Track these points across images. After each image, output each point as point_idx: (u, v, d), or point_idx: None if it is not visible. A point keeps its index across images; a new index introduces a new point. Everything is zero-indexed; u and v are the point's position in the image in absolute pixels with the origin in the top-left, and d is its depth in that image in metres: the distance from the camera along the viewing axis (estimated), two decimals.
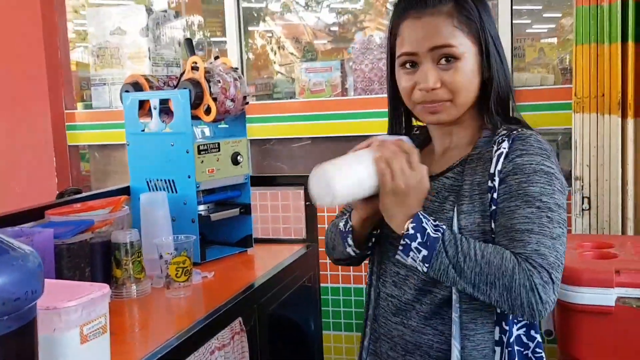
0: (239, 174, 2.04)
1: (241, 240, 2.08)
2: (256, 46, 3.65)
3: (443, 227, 1.09)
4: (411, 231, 1.08)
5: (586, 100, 2.43)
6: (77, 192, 2.17)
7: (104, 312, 1.20)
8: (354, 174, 1.10)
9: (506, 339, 1.13)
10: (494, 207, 1.12)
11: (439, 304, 1.16)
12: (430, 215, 1.12)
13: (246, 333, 1.58)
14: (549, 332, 2.04)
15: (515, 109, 1.24)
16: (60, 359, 1.11)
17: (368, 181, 1.10)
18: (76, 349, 1.12)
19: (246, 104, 2.04)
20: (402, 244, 1.09)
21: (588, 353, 1.88)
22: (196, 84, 1.90)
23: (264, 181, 2.57)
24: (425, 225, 1.08)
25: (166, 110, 1.95)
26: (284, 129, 3.13)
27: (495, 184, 1.12)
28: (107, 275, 1.62)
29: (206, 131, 2.11)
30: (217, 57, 2.06)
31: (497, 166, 1.13)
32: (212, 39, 3.78)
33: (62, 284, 1.30)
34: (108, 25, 3.32)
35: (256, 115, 3.07)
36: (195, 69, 1.93)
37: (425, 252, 1.07)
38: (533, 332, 1.17)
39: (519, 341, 1.15)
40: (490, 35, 1.18)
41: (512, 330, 1.14)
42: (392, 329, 1.23)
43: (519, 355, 1.14)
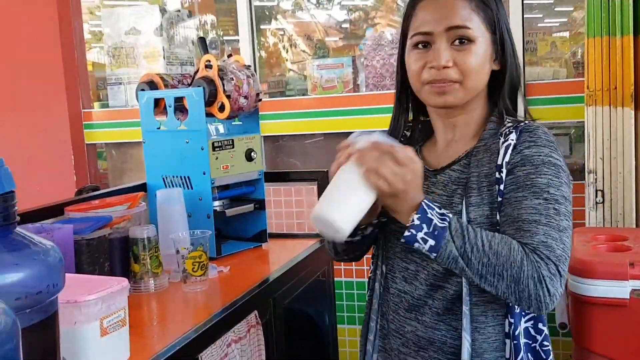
0: (253, 170, 2.05)
1: (256, 235, 2.09)
2: (268, 44, 3.65)
3: (449, 216, 1.06)
4: (417, 222, 1.05)
5: (599, 93, 2.42)
6: (95, 189, 2.19)
7: (123, 305, 1.21)
8: (350, 202, 1.07)
9: (512, 331, 1.12)
10: (501, 199, 1.11)
11: (452, 299, 1.15)
12: None
13: (262, 326, 1.58)
14: (563, 325, 2.04)
15: (525, 102, 1.24)
16: (81, 351, 1.12)
17: (366, 199, 1.07)
18: (96, 341, 1.14)
19: (259, 100, 2.05)
20: (406, 235, 1.06)
21: (602, 345, 1.87)
22: (210, 81, 1.91)
23: (278, 177, 2.58)
24: (431, 215, 1.05)
25: (181, 108, 1.97)
26: (296, 125, 3.14)
27: (503, 175, 1.11)
28: (126, 270, 1.64)
29: (220, 128, 2.13)
30: (230, 55, 2.07)
31: (504, 157, 1.12)
32: (225, 37, 3.78)
33: (82, 278, 1.32)
34: (123, 25, 3.34)
35: (269, 112, 3.08)
36: (208, 67, 1.94)
37: (432, 242, 1.04)
38: (541, 325, 1.16)
39: (527, 334, 1.14)
40: (505, 25, 1.19)
41: (519, 323, 1.13)
42: (405, 324, 1.21)
43: (526, 348, 1.14)
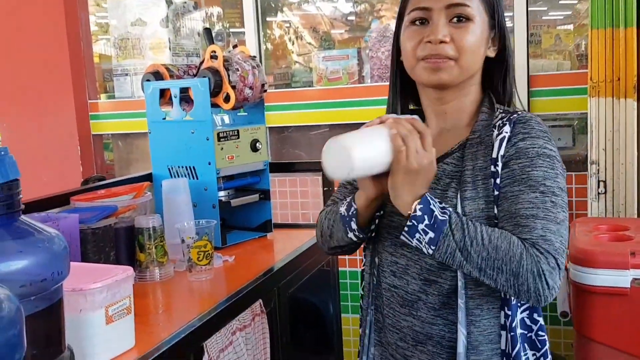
0: (258, 160, 2.04)
1: (261, 225, 2.09)
2: (274, 36, 3.64)
3: (450, 210, 1.05)
4: (418, 212, 1.04)
5: (602, 84, 2.40)
6: (101, 179, 2.19)
7: (129, 293, 1.21)
8: (372, 147, 1.05)
9: (509, 323, 1.11)
10: (497, 193, 1.10)
11: (447, 294, 1.13)
12: None
13: (266, 315, 1.59)
14: (564, 314, 2.03)
15: (516, 93, 1.23)
16: (86, 339, 1.12)
17: (384, 157, 1.05)
18: (101, 329, 1.14)
19: (264, 91, 2.04)
20: (408, 225, 1.04)
21: (603, 334, 1.86)
22: (215, 72, 1.91)
23: (283, 167, 2.58)
24: (433, 207, 1.04)
25: (186, 99, 1.96)
26: (302, 116, 3.13)
27: (499, 168, 1.10)
28: (131, 259, 1.64)
29: (225, 119, 2.12)
30: (235, 45, 2.06)
31: (499, 151, 1.11)
32: (231, 29, 3.77)
33: (87, 266, 1.32)
34: (129, 16, 3.33)
35: (274, 104, 3.07)
36: (214, 57, 1.93)
37: (432, 235, 1.03)
38: (536, 316, 1.15)
39: (523, 324, 1.13)
40: (502, 12, 1.18)
41: (515, 314, 1.12)
42: (401, 320, 1.19)
43: (523, 338, 1.13)
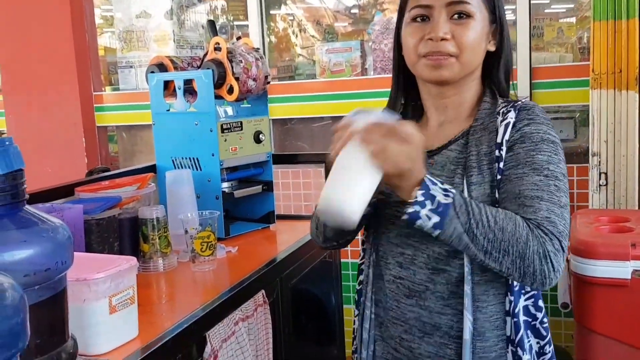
0: (261, 152, 2.03)
1: (264, 217, 2.09)
2: (278, 29, 3.62)
3: (452, 191, 1.03)
4: (420, 198, 1.01)
5: (604, 76, 2.38)
6: (105, 171, 2.19)
7: (132, 283, 1.21)
8: (358, 188, 1.01)
9: (512, 309, 1.11)
10: (500, 176, 1.09)
11: (456, 282, 1.12)
12: None
13: (269, 305, 1.58)
14: (565, 305, 2.02)
15: (514, 87, 1.24)
16: (90, 328, 1.12)
17: (373, 182, 1.02)
18: (105, 318, 1.14)
19: (268, 83, 2.03)
20: (409, 211, 1.02)
21: (604, 325, 1.86)
22: (219, 64, 1.90)
23: (286, 159, 2.57)
24: (435, 192, 1.02)
25: (190, 90, 1.95)
26: (305, 108, 3.12)
27: (503, 153, 1.10)
28: (135, 250, 1.64)
29: (229, 110, 2.11)
30: (239, 37, 2.05)
31: (504, 135, 1.11)
32: (235, 22, 3.75)
33: (91, 257, 1.32)
34: (134, 9, 3.32)
35: (278, 95, 3.06)
36: (217, 49, 1.92)
37: (436, 219, 1.01)
38: (540, 302, 1.15)
39: (527, 312, 1.13)
40: (502, 7, 1.18)
41: (518, 300, 1.11)
42: (407, 311, 1.17)
43: (526, 325, 1.12)
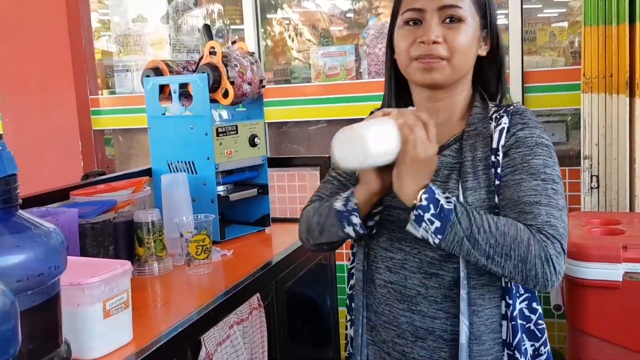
0: (256, 155, 2.03)
1: (259, 220, 2.08)
2: (274, 33, 3.62)
3: (454, 199, 1.04)
4: (424, 202, 1.02)
5: (595, 80, 2.38)
6: (101, 174, 2.18)
7: (126, 287, 1.20)
8: (383, 135, 1.03)
9: (510, 313, 1.11)
10: (498, 182, 1.10)
11: (449, 286, 1.12)
12: None
13: (264, 308, 1.57)
14: (557, 307, 2.02)
15: (507, 90, 1.24)
16: (84, 332, 1.11)
17: (394, 146, 1.03)
18: (99, 322, 1.13)
19: (263, 87, 2.02)
20: (414, 214, 1.03)
21: (596, 327, 1.85)
22: (214, 68, 1.89)
23: (281, 162, 2.56)
24: (438, 196, 1.03)
25: (186, 94, 1.95)
26: (300, 112, 3.11)
27: (499, 158, 1.10)
28: (130, 254, 1.62)
29: (224, 114, 2.11)
30: (234, 42, 2.04)
31: (500, 141, 1.11)
32: (231, 26, 3.75)
33: (85, 261, 1.31)
34: (130, 13, 3.32)
35: (273, 99, 3.06)
36: (213, 53, 1.92)
37: (438, 224, 1.01)
38: (535, 304, 1.15)
39: (522, 315, 1.13)
40: (494, 12, 1.18)
41: (515, 304, 1.11)
42: (399, 316, 1.17)
43: (522, 329, 1.12)
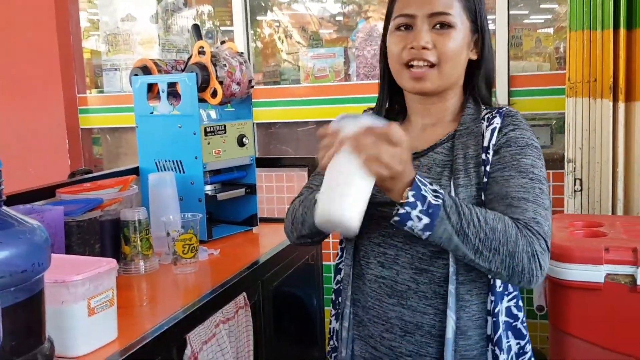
0: (244, 155, 2.02)
1: (247, 219, 2.07)
2: (264, 35, 3.61)
3: (442, 192, 1.02)
4: (411, 199, 0.99)
5: (579, 85, 2.40)
6: (87, 173, 2.16)
7: (111, 286, 1.19)
8: (355, 195, 0.99)
9: (493, 309, 1.11)
10: (486, 179, 1.10)
11: (439, 282, 1.12)
12: None
13: (250, 307, 1.56)
14: (540, 308, 2.03)
15: (495, 94, 1.25)
16: (68, 330, 1.10)
17: (368, 188, 1.00)
18: (83, 320, 1.12)
19: (251, 87, 2.01)
20: (400, 213, 1.00)
21: (578, 327, 1.86)
22: (203, 67, 1.88)
23: (269, 163, 2.55)
24: (425, 192, 1.00)
25: (174, 93, 1.93)
26: (289, 112, 3.11)
27: (489, 156, 1.11)
28: (117, 252, 1.61)
29: (212, 114, 2.09)
30: (223, 42, 2.03)
31: (491, 140, 1.12)
32: (221, 27, 3.74)
33: (70, 258, 1.29)
34: (119, 12, 3.30)
35: (262, 100, 3.05)
36: (202, 53, 1.90)
37: (427, 220, 0.99)
38: (520, 303, 1.16)
39: (509, 313, 1.14)
40: (484, 16, 1.19)
41: (500, 301, 1.12)
42: (388, 310, 1.16)
43: (506, 326, 1.13)
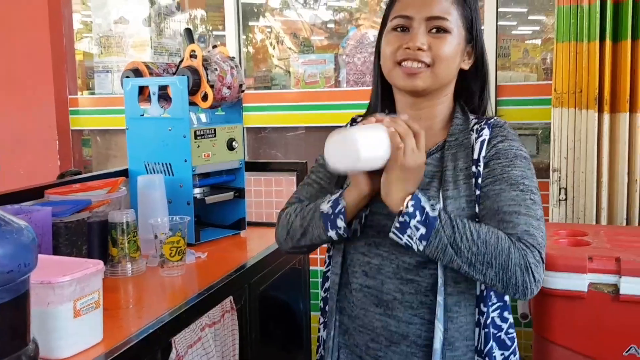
0: (234, 159, 2.01)
1: (235, 223, 2.06)
2: (256, 40, 3.62)
3: (438, 206, 1.05)
4: (410, 209, 1.02)
5: (565, 95, 2.42)
6: (77, 174, 2.14)
7: (98, 287, 1.18)
8: (375, 142, 1.04)
9: (483, 321, 1.11)
10: (479, 192, 1.10)
11: (425, 292, 1.12)
12: None
13: (236, 311, 1.55)
14: (524, 316, 2.03)
15: (489, 101, 1.25)
16: (54, 332, 1.09)
17: (385, 152, 1.05)
18: (69, 322, 1.10)
19: (242, 91, 2.01)
20: (400, 221, 1.03)
21: (562, 336, 1.87)
22: (194, 71, 1.87)
23: (259, 167, 2.55)
24: (424, 204, 1.03)
25: (165, 96, 1.92)
26: (279, 117, 3.11)
27: (480, 169, 1.11)
28: (104, 254, 1.59)
29: (203, 117, 2.08)
30: (215, 46, 2.03)
31: (480, 152, 1.12)
32: (213, 32, 3.74)
33: (57, 259, 1.28)
34: (112, 14, 3.29)
35: (253, 104, 3.05)
36: (193, 57, 1.90)
37: (423, 231, 1.02)
38: (506, 314, 1.15)
39: (494, 324, 1.14)
40: (479, 27, 1.20)
41: (488, 312, 1.12)
42: (374, 320, 1.16)
43: (493, 337, 1.13)
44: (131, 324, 1.28)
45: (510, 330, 1.16)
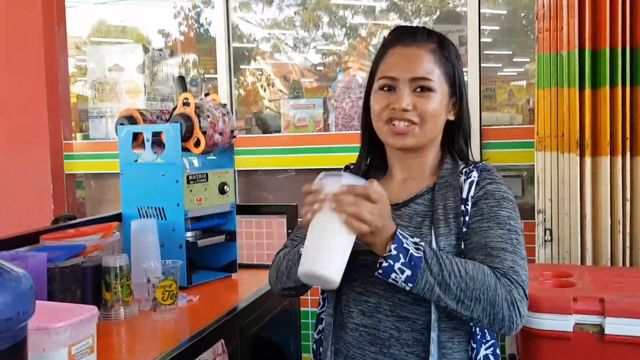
0: (225, 202, 2.05)
1: (226, 266, 2.08)
2: (247, 83, 3.69)
3: (422, 244, 1.06)
4: (393, 252, 1.03)
5: (547, 139, 2.48)
6: (71, 218, 2.16)
7: (92, 332, 1.19)
8: (337, 252, 1.03)
9: (474, 357, 1.14)
10: (465, 229, 1.15)
11: (420, 329, 1.14)
12: None
13: (228, 354, 1.56)
14: (512, 356, 2.05)
15: (470, 148, 1.30)
16: None
17: (349, 244, 1.04)
18: None
19: (234, 137, 2.06)
20: (384, 266, 1.04)
21: None
22: (187, 118, 1.92)
23: (249, 210, 2.57)
24: (407, 245, 1.04)
25: (158, 142, 1.97)
26: (270, 160, 3.15)
27: (468, 207, 1.16)
28: (97, 298, 1.61)
29: (195, 162, 2.12)
30: (207, 93, 2.08)
31: (469, 192, 1.17)
32: (206, 75, 3.81)
33: (52, 305, 1.30)
34: (107, 61, 3.35)
35: (244, 148, 3.09)
36: (186, 104, 1.95)
37: (409, 273, 1.03)
38: (498, 350, 1.19)
39: None
40: (462, 80, 1.25)
41: (480, 348, 1.15)
42: (370, 359, 1.18)
43: None
44: None
45: None
